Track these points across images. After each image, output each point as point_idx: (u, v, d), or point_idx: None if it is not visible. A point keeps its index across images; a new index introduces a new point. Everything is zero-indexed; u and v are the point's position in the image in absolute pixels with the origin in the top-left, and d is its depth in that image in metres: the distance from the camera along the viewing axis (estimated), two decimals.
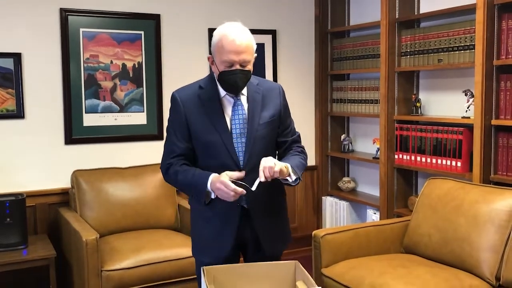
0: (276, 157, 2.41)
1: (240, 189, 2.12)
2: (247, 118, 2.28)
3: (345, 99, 4.52)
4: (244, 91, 2.32)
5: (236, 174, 2.18)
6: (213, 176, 2.19)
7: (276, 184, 2.39)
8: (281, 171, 2.14)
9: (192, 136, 2.30)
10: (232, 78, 2.20)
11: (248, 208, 2.28)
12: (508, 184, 3.11)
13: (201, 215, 2.36)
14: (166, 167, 2.33)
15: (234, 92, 2.27)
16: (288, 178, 2.23)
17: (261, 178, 2.12)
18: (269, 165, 2.12)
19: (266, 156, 2.23)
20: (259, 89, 2.35)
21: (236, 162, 2.25)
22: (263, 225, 2.32)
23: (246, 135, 2.27)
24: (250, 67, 2.24)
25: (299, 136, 2.47)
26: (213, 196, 2.23)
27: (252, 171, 2.26)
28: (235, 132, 2.27)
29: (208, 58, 2.30)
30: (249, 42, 2.21)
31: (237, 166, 2.26)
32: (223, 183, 2.13)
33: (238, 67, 2.19)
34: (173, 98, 2.33)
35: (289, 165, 2.22)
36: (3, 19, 3.70)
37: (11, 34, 3.73)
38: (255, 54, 2.28)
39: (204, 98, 2.29)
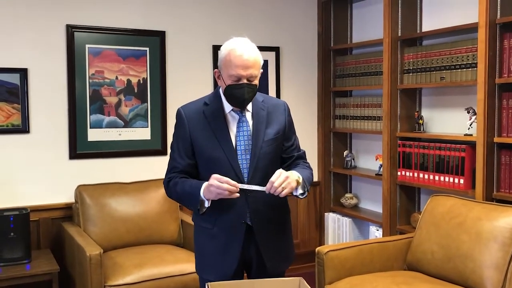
0: None
1: (233, 182, 2.12)
2: (251, 134, 2.29)
3: (347, 116, 4.55)
4: (249, 107, 2.33)
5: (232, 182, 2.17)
6: (206, 183, 2.20)
7: (280, 202, 2.40)
8: (286, 190, 2.15)
9: (196, 152, 2.31)
10: (239, 92, 2.21)
11: (251, 225, 2.29)
12: (511, 202, 3.11)
13: (205, 232, 2.35)
14: (167, 181, 2.35)
15: (240, 106, 2.27)
16: (298, 190, 2.25)
17: (266, 189, 2.14)
18: (276, 185, 2.12)
19: (271, 173, 2.23)
20: (264, 106, 2.36)
21: (241, 179, 2.25)
22: (267, 243, 2.32)
23: (251, 152, 2.28)
24: (256, 82, 2.25)
25: (304, 153, 2.48)
26: (206, 205, 2.22)
27: None
28: (240, 148, 2.28)
29: (215, 72, 2.31)
30: (257, 57, 2.23)
31: (241, 182, 2.25)
32: (216, 177, 2.14)
33: (245, 81, 2.20)
34: (179, 114, 2.34)
35: (301, 177, 2.24)
36: (10, 35, 3.75)
37: (17, 49, 3.77)
38: (261, 70, 2.30)
39: (209, 114, 2.30)
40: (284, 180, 2.14)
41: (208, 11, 4.37)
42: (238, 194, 2.14)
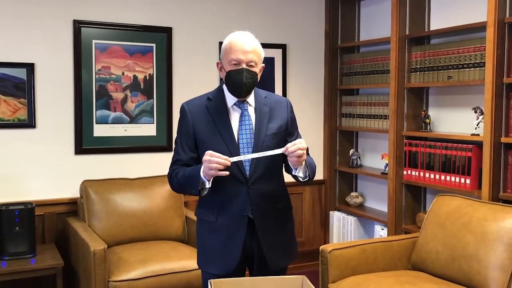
0: (283, 168, 2.43)
1: (224, 156, 2.14)
2: (254, 128, 2.31)
3: (354, 114, 4.53)
4: (252, 102, 2.36)
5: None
6: None
7: (282, 196, 2.41)
8: (300, 158, 2.18)
9: (199, 146, 2.33)
10: (238, 77, 2.24)
11: (253, 218, 2.29)
12: None
13: (207, 226, 2.37)
14: (170, 173, 2.37)
15: (240, 93, 2.29)
16: (299, 169, 2.26)
17: (283, 150, 2.17)
18: (300, 146, 2.16)
19: (272, 167, 2.31)
20: (266, 102, 2.39)
21: (242, 172, 2.28)
22: (268, 237, 2.33)
23: (253, 146, 2.29)
24: (256, 70, 2.29)
25: (307, 149, 2.47)
26: (207, 186, 2.22)
27: (258, 180, 2.29)
28: (242, 142, 2.30)
29: (217, 64, 2.36)
30: (256, 46, 2.29)
31: (243, 175, 2.28)
32: (208, 153, 2.15)
33: (244, 66, 2.24)
34: (182, 109, 2.38)
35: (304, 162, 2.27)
36: (17, 30, 3.75)
37: (24, 44, 3.78)
38: (263, 64, 2.33)
39: (211, 109, 2.34)
40: (304, 149, 2.18)
41: (215, 8, 4.36)
42: (227, 172, 2.14)
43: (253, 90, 2.36)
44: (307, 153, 2.35)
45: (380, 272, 3.14)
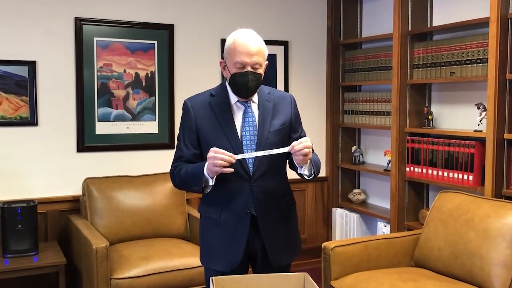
0: (287, 164, 2.42)
1: (229, 153, 2.13)
2: (257, 125, 2.31)
3: (356, 111, 4.52)
4: (255, 98, 2.35)
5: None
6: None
7: (285, 193, 2.40)
8: (306, 157, 2.17)
9: (202, 142, 2.32)
10: (243, 80, 2.23)
11: (256, 215, 2.28)
12: None
13: (211, 223, 2.36)
14: (172, 169, 2.36)
15: (245, 95, 2.28)
16: (304, 167, 2.26)
17: (289, 148, 2.16)
18: (306, 144, 2.16)
19: (276, 164, 2.29)
20: (270, 98, 2.38)
21: (246, 169, 2.27)
22: (270, 234, 2.32)
23: (256, 142, 2.29)
24: (261, 71, 2.27)
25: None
26: (210, 183, 2.22)
27: (261, 178, 2.29)
28: (245, 139, 2.29)
29: (220, 63, 2.34)
30: (261, 45, 2.26)
31: (246, 172, 2.27)
32: (213, 150, 2.15)
33: (249, 69, 2.22)
34: (185, 105, 2.37)
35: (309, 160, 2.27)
36: (19, 27, 3.75)
37: (26, 42, 3.77)
38: (267, 62, 2.31)
39: (214, 105, 2.33)
40: (310, 148, 2.18)
41: (217, 5, 4.35)
42: (231, 169, 2.15)
43: None
44: (312, 150, 2.35)
45: (382, 269, 3.14)
